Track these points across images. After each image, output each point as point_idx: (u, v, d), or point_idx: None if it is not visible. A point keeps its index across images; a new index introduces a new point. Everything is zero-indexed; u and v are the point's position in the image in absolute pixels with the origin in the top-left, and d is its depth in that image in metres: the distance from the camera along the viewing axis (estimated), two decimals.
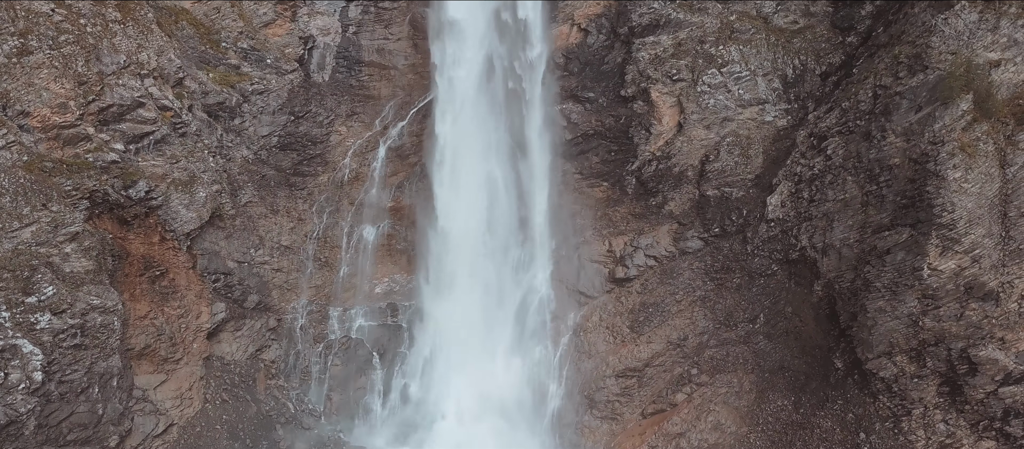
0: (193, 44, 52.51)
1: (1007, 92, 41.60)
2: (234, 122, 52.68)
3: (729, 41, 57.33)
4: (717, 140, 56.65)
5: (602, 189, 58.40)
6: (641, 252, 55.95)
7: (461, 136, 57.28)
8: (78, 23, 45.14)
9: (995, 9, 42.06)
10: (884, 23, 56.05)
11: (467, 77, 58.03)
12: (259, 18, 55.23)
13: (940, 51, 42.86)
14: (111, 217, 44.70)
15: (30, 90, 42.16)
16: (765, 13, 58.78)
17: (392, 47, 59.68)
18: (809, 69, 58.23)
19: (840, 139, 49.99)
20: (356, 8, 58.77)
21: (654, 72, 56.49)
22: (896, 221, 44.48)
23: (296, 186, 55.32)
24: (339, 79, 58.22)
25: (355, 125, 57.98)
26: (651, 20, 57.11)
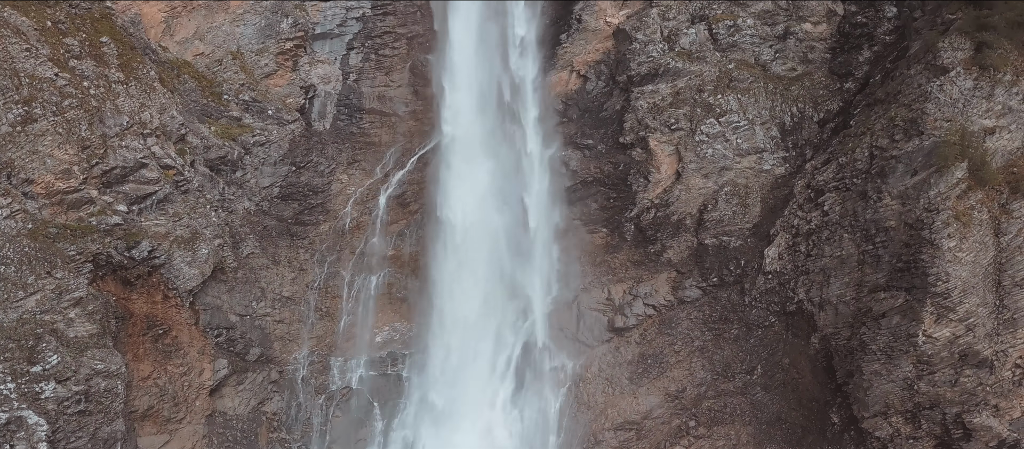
0: (195, 97, 52.99)
1: (1002, 160, 42.03)
2: (236, 175, 53.17)
3: (727, 90, 57.73)
4: (715, 189, 57.07)
5: (601, 235, 58.82)
6: (640, 301, 56.35)
7: (463, 181, 57.72)
8: (81, 86, 45.62)
9: (990, 77, 42.49)
10: (882, 71, 56.57)
11: (468, 123, 58.52)
12: (260, 69, 55.74)
13: (935, 118, 43.29)
14: (114, 278, 45.21)
15: (34, 158, 42.66)
16: (763, 61, 59.19)
17: (393, 94, 60.18)
18: (807, 116, 58.66)
19: (837, 195, 50.40)
20: (357, 56, 59.27)
21: (652, 121, 56.91)
22: (892, 283, 44.91)
23: (297, 236, 55.79)
24: (340, 127, 58.71)
25: (356, 173, 58.44)
26: (650, 69, 57.54)
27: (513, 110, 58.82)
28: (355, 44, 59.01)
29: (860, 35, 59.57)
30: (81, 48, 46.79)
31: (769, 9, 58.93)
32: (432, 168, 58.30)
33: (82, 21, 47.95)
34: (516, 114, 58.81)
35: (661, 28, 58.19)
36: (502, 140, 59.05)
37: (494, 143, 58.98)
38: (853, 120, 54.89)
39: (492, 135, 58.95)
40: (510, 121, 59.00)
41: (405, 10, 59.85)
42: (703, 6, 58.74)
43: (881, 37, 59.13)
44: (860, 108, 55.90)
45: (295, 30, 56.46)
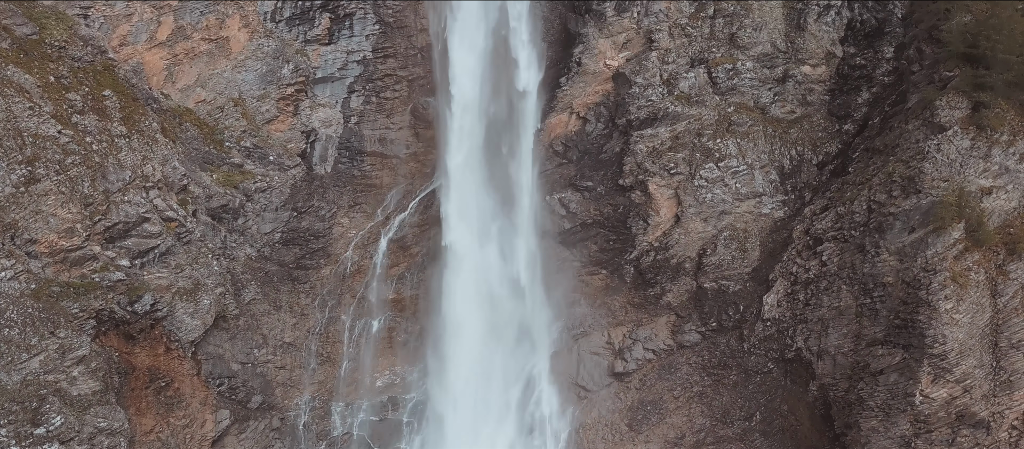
0: (197, 145, 53.30)
1: (998, 220, 42.31)
2: (237, 222, 53.47)
3: (727, 134, 58.02)
4: (714, 233, 57.38)
5: (601, 277, 59.10)
6: (640, 345, 56.68)
7: (464, 223, 58.03)
8: (84, 142, 45.93)
9: (987, 137, 42.76)
10: (880, 114, 56.88)
11: (469, 165, 58.83)
12: (262, 115, 56.05)
13: (933, 177, 43.57)
14: (117, 333, 45.51)
15: (37, 217, 42.96)
16: (763, 103, 59.47)
17: (394, 136, 60.47)
18: (806, 159, 58.97)
19: (835, 246, 50.69)
20: (358, 99, 59.57)
21: (652, 165, 57.19)
22: (889, 338, 45.20)
23: (299, 280, 56.08)
24: (341, 170, 59.01)
25: (357, 216, 58.74)
26: (649, 113, 57.81)
27: (513, 153, 59.08)
28: (356, 87, 59.30)
29: (859, 77, 59.88)
30: (83, 102, 47.08)
31: (768, 52, 59.21)
32: (433, 210, 58.60)
33: (84, 74, 48.24)
34: (517, 157, 59.05)
35: (661, 71, 58.48)
36: (503, 182, 59.31)
37: (495, 185, 59.26)
38: (851, 166, 55.23)
39: (492, 177, 59.22)
40: (511, 164, 59.26)
41: (406, 52, 60.14)
42: (703, 49, 59.02)
43: (880, 78, 59.42)
44: (858, 153, 56.24)
45: (296, 75, 56.74)
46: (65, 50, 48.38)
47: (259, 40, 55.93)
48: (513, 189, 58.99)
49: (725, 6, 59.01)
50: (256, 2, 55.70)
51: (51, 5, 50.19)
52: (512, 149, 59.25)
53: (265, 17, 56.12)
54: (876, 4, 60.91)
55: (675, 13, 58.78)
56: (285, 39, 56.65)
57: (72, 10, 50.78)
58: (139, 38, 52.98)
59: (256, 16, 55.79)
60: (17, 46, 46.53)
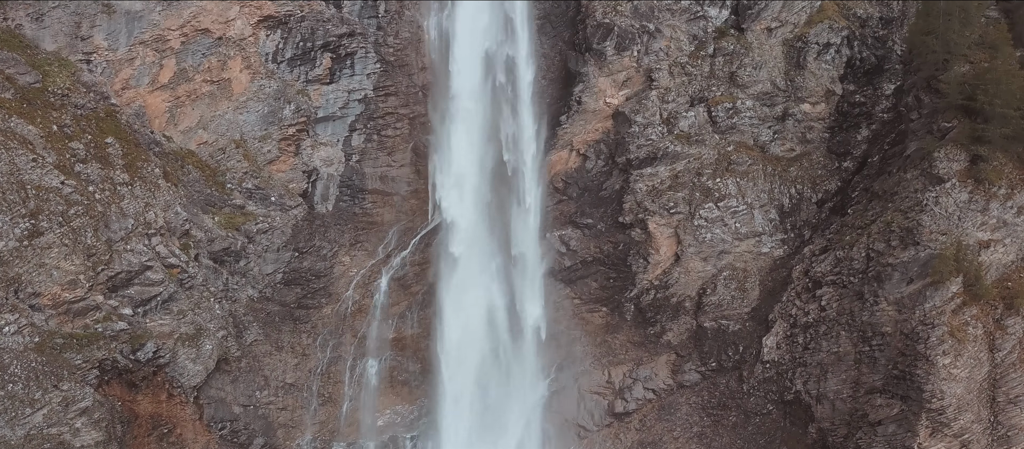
0: (199, 188, 53.54)
1: (996, 273, 42.51)
2: (239, 264, 53.69)
3: (726, 173, 58.26)
4: (714, 272, 57.63)
5: (601, 314, 59.31)
6: (640, 384, 56.91)
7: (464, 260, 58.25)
8: (87, 192, 46.20)
9: (985, 190, 42.96)
10: (880, 152, 57.11)
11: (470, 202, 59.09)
12: (263, 156, 56.26)
13: (931, 230, 43.77)
14: (120, 382, 45.82)
15: (41, 270, 43.25)
16: (762, 142, 59.72)
17: (395, 173, 60.65)
18: (805, 197, 59.25)
19: (834, 291, 50.90)
20: (359, 137, 59.75)
21: (651, 204, 57.42)
22: (888, 387, 45.42)
23: (300, 320, 56.29)
24: (342, 208, 59.20)
25: (358, 254, 58.94)
26: (649, 153, 58.03)
27: (513, 191, 59.27)
28: (357, 126, 59.48)
29: (858, 114, 60.22)
30: (86, 151, 47.37)
31: (768, 90, 59.48)
32: (434, 248, 58.82)
33: (87, 122, 48.54)
34: (517, 195, 59.23)
35: (660, 110, 58.72)
36: (503, 220, 59.52)
37: (494, 222, 59.49)
38: (851, 207, 55.47)
39: (492, 215, 59.45)
40: (510, 201, 59.45)
41: (407, 90, 60.35)
42: (702, 88, 59.27)
43: (879, 115, 59.80)
44: (858, 192, 56.50)
45: (297, 116, 56.97)
46: (68, 98, 48.67)
47: (261, 81, 56.14)
48: (513, 226, 59.09)
49: (725, 45, 59.32)
50: (258, 43, 55.82)
51: (54, 52, 50.51)
52: (512, 187, 59.35)
53: (267, 58, 56.35)
54: (876, 42, 61.27)
55: (675, 52, 59.04)
56: (286, 80, 56.87)
57: (75, 56, 51.07)
58: (141, 81, 53.23)
59: (258, 57, 56.03)
60: (20, 96, 46.82)
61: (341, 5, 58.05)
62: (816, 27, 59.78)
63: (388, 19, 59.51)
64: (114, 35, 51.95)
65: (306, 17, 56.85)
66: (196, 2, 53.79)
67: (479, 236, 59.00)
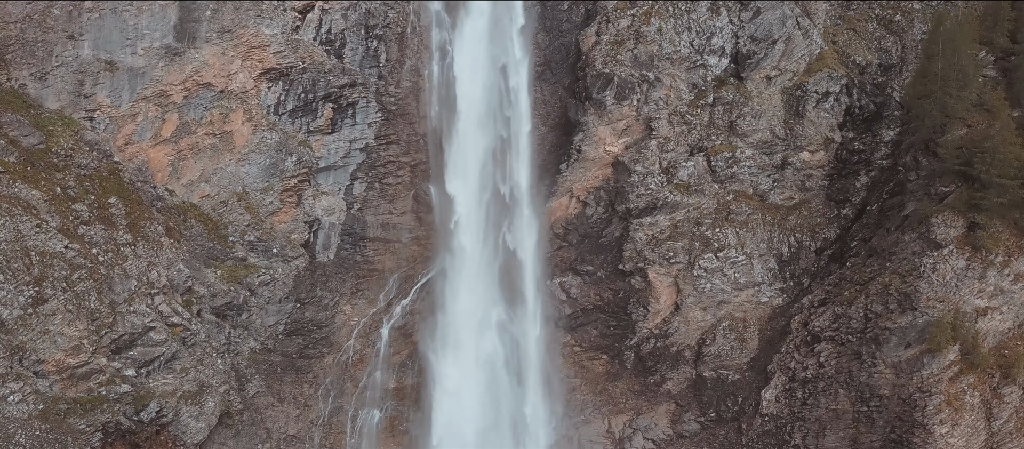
0: (201, 241, 53.88)
1: (993, 341, 42.81)
2: (241, 317, 54.04)
3: (726, 223, 58.57)
4: (713, 322, 57.96)
5: (602, 362, 59.66)
6: (640, 435, 57.28)
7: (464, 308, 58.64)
8: (90, 254, 46.55)
9: (982, 258, 43.27)
10: (878, 200, 57.41)
11: (470, 250, 59.44)
12: (265, 208, 56.58)
13: (928, 297, 44.07)
14: (123, 443, 46.20)
15: (45, 337, 43.59)
16: (761, 190, 60.01)
17: (396, 221, 60.99)
18: (804, 246, 59.55)
19: (832, 348, 51.21)
20: (361, 185, 60.08)
21: (651, 253, 57.73)
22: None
23: (302, 370, 56.67)
24: (344, 256, 59.53)
25: (360, 303, 59.29)
26: (648, 202, 58.34)
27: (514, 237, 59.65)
28: (359, 174, 59.80)
29: (857, 161, 60.51)
30: (90, 212, 47.74)
31: (767, 139, 59.76)
32: (434, 296, 59.19)
33: (91, 182, 48.89)
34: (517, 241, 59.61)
35: (660, 159, 59.00)
36: (503, 267, 59.90)
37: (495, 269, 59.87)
38: (849, 260, 55.74)
39: (493, 261, 59.83)
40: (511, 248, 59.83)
41: (408, 138, 60.68)
42: (702, 137, 59.58)
43: (878, 162, 60.08)
44: (856, 242, 56.84)
45: (299, 167, 57.31)
46: (71, 158, 49.04)
47: (262, 133, 56.47)
48: (513, 274, 59.46)
49: (724, 94, 59.63)
50: (259, 96, 56.17)
51: (57, 110, 50.89)
52: (512, 233, 59.72)
53: (268, 110, 56.69)
54: (875, 89, 61.60)
55: (674, 101, 59.36)
56: (288, 131, 57.20)
57: (78, 114, 51.42)
58: (144, 136, 53.58)
59: (260, 109, 56.38)
60: (24, 158, 47.18)
61: (342, 55, 58.34)
62: (815, 76, 60.04)
63: (389, 68, 59.86)
64: (117, 92, 52.29)
65: (308, 69, 57.17)
66: (199, 57, 54.04)
67: (479, 284, 59.31)
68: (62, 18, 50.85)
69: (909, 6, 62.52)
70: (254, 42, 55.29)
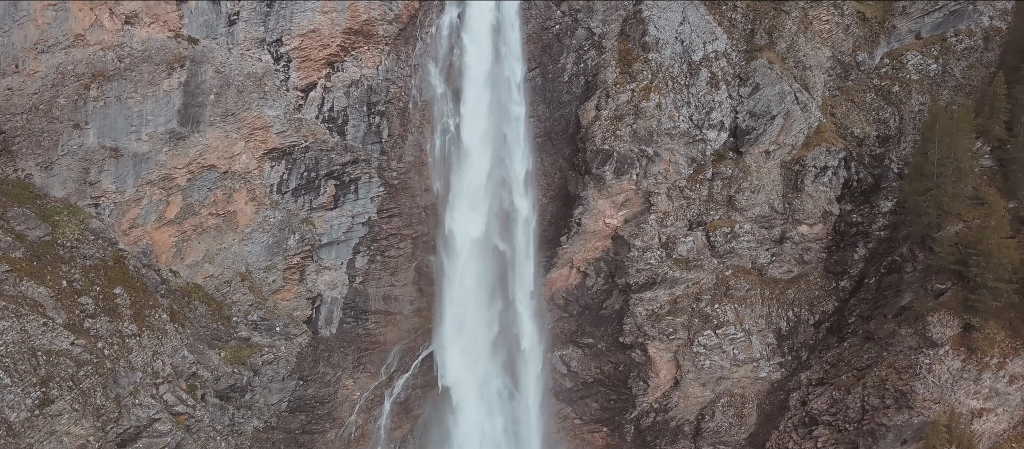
0: (205, 323, 54.45)
1: (989, 442, 43.32)
2: (244, 398, 54.61)
3: (724, 299, 59.04)
4: (713, 397, 58.45)
5: (602, 435, 60.18)
6: None
7: (464, 382, 59.16)
8: (96, 349, 47.12)
9: (978, 359, 43.72)
10: (876, 274, 57.83)
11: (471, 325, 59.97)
12: (268, 286, 57.12)
13: (924, 398, 44.57)
14: None
15: (52, 438, 44.16)
16: (760, 264, 60.49)
17: (398, 293, 61.50)
18: (803, 320, 60.04)
19: (830, 433, 51.71)
20: (363, 259, 60.60)
21: (651, 329, 58.20)
22: None
23: (305, 446, 57.26)
24: (346, 330, 60.08)
25: (361, 376, 59.85)
26: (648, 277, 58.82)
27: (513, 311, 60.15)
28: (361, 248, 60.33)
29: (856, 233, 60.97)
30: (95, 305, 48.32)
31: (766, 214, 60.25)
32: (435, 370, 59.68)
33: (96, 273, 49.48)
34: (516, 315, 60.10)
35: (659, 234, 59.46)
36: (504, 340, 60.40)
37: (495, 342, 60.39)
38: (847, 340, 56.18)
39: (492, 337, 60.37)
40: (511, 322, 60.32)
41: (410, 211, 61.18)
42: (701, 212, 60.06)
43: (876, 233, 60.50)
44: (854, 319, 57.34)
45: (302, 245, 57.86)
46: (77, 249, 49.62)
47: (265, 212, 57.00)
48: (513, 347, 59.96)
49: (723, 169, 60.10)
50: (263, 175, 56.70)
51: (63, 198, 51.45)
52: (512, 307, 60.19)
53: (271, 189, 57.22)
54: (873, 160, 62.05)
55: (673, 175, 59.83)
56: (291, 209, 57.73)
57: (83, 201, 51.98)
58: (148, 219, 54.13)
59: (263, 189, 56.90)
60: (31, 253, 47.78)
61: (345, 132, 58.87)
62: (814, 150, 60.51)
63: (391, 143, 60.37)
64: (122, 178, 52.85)
65: (310, 147, 57.71)
66: (203, 140, 54.60)
67: (480, 356, 59.87)
68: (68, 107, 51.38)
69: (907, 77, 62.87)
70: (257, 124, 55.82)
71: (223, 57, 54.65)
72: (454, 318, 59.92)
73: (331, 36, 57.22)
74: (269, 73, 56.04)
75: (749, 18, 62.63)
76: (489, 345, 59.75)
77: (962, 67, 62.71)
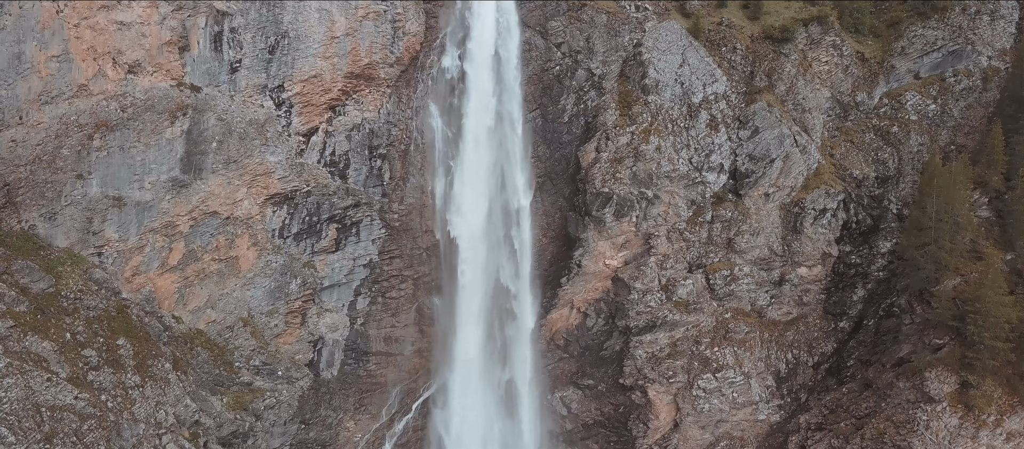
0: (208, 369, 54.79)
1: None
2: (247, 443, 54.93)
3: (724, 342, 59.33)
4: (712, 440, 58.75)
5: None
6: None
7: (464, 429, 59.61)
8: (99, 401, 47.45)
9: (975, 417, 43.99)
10: (875, 316, 58.11)
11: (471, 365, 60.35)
12: (271, 331, 57.46)
13: None
14: None
15: None
16: (759, 306, 60.77)
17: (399, 334, 61.87)
18: (802, 362, 60.33)
19: None
20: (364, 300, 60.95)
21: (651, 371, 58.51)
22: None
23: None
24: (347, 371, 60.46)
25: (362, 418, 60.21)
26: (648, 320, 59.11)
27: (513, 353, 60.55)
28: (362, 290, 60.68)
29: (854, 275, 61.26)
30: (99, 357, 48.67)
31: (765, 256, 60.53)
32: (435, 414, 60.10)
33: (99, 324, 49.81)
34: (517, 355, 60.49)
35: (659, 276, 59.74)
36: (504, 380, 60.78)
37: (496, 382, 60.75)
38: (846, 385, 56.40)
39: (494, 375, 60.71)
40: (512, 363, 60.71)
41: (412, 252, 61.51)
42: (701, 254, 60.34)
43: (875, 274, 60.79)
44: (853, 362, 57.63)
45: (304, 289, 58.19)
46: (81, 300, 49.94)
47: (268, 257, 57.33)
48: (514, 389, 60.34)
49: (723, 212, 60.38)
50: (265, 220, 57.03)
51: (66, 248, 51.77)
52: (512, 349, 60.56)
53: (273, 234, 57.55)
54: (872, 201, 62.34)
55: (673, 217, 60.11)
56: (293, 253, 58.06)
57: (86, 251, 52.31)
58: (151, 266, 54.43)
59: (265, 234, 57.24)
60: (35, 306, 48.11)
61: (346, 175, 59.20)
62: (813, 193, 60.77)
63: (393, 185, 60.71)
64: (125, 226, 53.18)
65: (312, 192, 58.03)
66: (205, 187, 54.92)
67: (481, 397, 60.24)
68: (71, 158, 51.71)
69: (906, 117, 63.15)
70: (259, 170, 56.16)
71: (225, 104, 54.98)
72: (457, 358, 60.29)
73: (333, 81, 57.55)
74: (271, 119, 56.34)
75: (748, 60, 62.92)
76: (489, 384, 60.05)
77: (961, 107, 63.05)
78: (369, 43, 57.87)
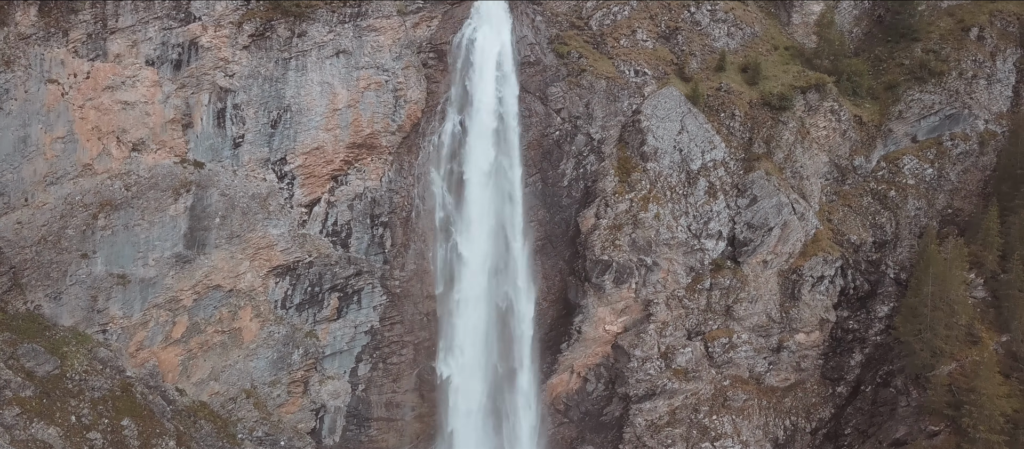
0: (211, 441, 55.25)
1: None
2: None
3: (722, 410, 59.86)
4: None
5: None
6: None
7: None
8: None
9: None
10: (873, 382, 58.67)
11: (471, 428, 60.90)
12: (273, 401, 57.98)
13: None
14: None
15: None
16: (758, 373, 61.31)
17: (400, 399, 62.36)
18: (800, 428, 60.85)
19: None
20: (365, 366, 61.45)
21: (650, 439, 59.03)
22: None
23: None
24: (349, 438, 60.96)
25: None
26: (647, 389, 59.63)
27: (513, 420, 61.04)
28: (363, 356, 61.18)
29: (852, 340, 61.79)
30: (103, 439, 49.19)
31: (763, 323, 61.03)
32: None
33: (104, 405, 50.36)
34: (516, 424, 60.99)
35: (658, 344, 60.25)
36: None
37: None
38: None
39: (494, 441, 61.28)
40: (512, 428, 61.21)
41: (412, 318, 61.98)
42: (699, 322, 60.83)
43: (872, 339, 61.32)
44: (850, 431, 58.17)
45: (306, 359, 58.71)
46: (86, 381, 50.47)
47: (270, 328, 57.83)
48: None
49: (721, 279, 60.85)
50: (267, 292, 57.52)
51: (71, 327, 52.26)
52: (512, 416, 61.03)
53: (276, 305, 58.06)
54: (869, 266, 62.83)
55: (672, 284, 60.58)
56: (295, 324, 58.54)
57: (91, 328, 52.81)
58: (155, 340, 54.95)
59: (267, 305, 57.73)
60: (41, 390, 48.64)
61: (348, 245, 59.67)
62: (811, 260, 61.25)
63: (394, 253, 61.14)
64: (129, 303, 53.67)
65: (314, 262, 58.50)
66: (208, 262, 55.42)
67: None
68: (76, 237, 52.19)
69: (903, 181, 63.59)
70: (262, 243, 56.64)
71: (228, 179, 55.45)
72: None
73: (335, 152, 58.04)
74: (273, 192, 56.82)
75: (747, 126, 63.35)
76: None
77: (957, 171, 63.56)
78: (371, 113, 58.34)
